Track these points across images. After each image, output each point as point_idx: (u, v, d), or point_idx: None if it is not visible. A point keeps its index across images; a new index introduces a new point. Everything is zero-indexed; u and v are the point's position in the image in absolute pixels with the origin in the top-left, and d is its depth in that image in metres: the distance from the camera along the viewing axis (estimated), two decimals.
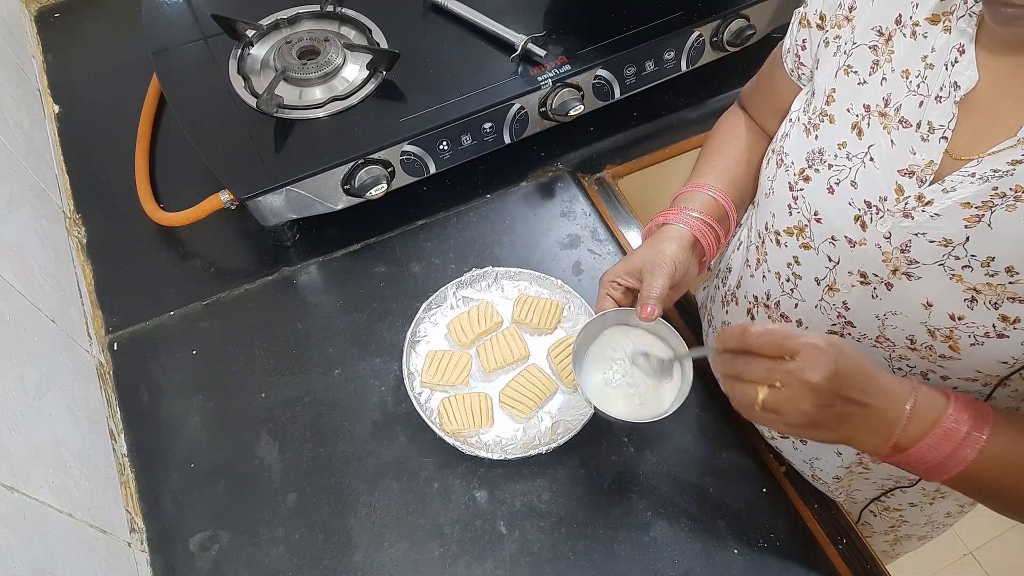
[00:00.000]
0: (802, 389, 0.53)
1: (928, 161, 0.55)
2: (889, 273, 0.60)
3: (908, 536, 0.96)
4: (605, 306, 0.71)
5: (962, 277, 0.55)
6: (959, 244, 0.54)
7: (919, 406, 0.55)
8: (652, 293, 0.67)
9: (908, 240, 0.57)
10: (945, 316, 0.57)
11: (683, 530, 0.75)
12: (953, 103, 0.54)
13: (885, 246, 0.59)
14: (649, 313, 0.67)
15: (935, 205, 0.54)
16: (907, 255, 0.58)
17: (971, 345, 0.57)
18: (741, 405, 0.57)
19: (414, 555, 0.74)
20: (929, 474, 0.56)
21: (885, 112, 0.58)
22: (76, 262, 0.94)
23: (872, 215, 0.59)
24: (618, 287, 0.71)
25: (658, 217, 0.76)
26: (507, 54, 0.95)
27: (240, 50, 0.96)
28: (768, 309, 0.74)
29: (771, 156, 0.70)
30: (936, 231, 0.55)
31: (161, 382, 0.85)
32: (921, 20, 0.56)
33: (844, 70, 0.61)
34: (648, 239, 0.74)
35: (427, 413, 0.78)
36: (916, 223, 0.56)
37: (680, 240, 0.71)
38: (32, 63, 1.12)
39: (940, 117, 0.54)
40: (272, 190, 0.84)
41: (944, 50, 0.54)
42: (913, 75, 0.56)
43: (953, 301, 0.56)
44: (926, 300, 0.58)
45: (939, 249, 0.55)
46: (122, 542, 0.74)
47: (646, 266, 0.69)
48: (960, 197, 0.53)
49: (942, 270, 0.56)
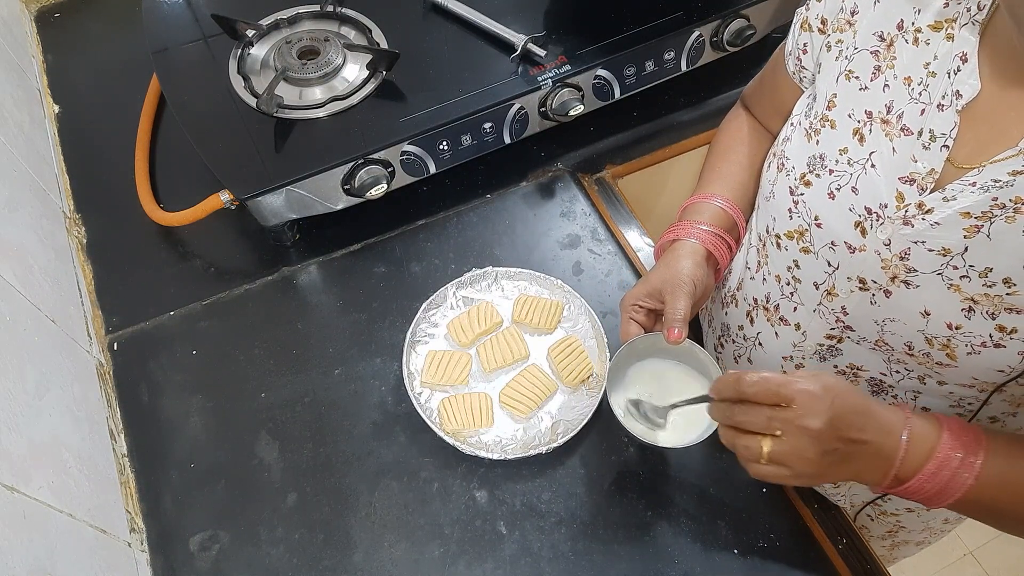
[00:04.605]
0: (803, 437, 0.53)
1: (929, 169, 0.55)
2: (888, 280, 0.59)
3: (906, 542, 0.95)
4: (630, 331, 0.70)
5: (960, 287, 0.55)
6: (958, 254, 0.54)
7: (914, 436, 0.55)
8: (677, 315, 0.67)
9: (907, 248, 0.57)
10: (943, 325, 0.57)
11: (683, 530, 0.75)
12: (955, 112, 0.53)
13: (884, 253, 0.59)
14: (677, 336, 0.66)
15: (935, 214, 0.54)
16: (906, 263, 0.57)
17: (968, 354, 0.57)
18: (747, 460, 0.57)
19: (414, 555, 0.74)
20: (930, 502, 0.57)
21: (887, 119, 0.58)
22: (76, 262, 0.94)
23: (872, 222, 0.59)
24: (640, 310, 0.71)
25: (669, 233, 0.76)
26: (507, 54, 0.95)
27: (240, 50, 0.96)
28: (768, 312, 0.74)
29: (772, 160, 0.70)
30: (935, 240, 0.55)
31: (161, 382, 0.85)
32: (923, 27, 0.56)
33: (845, 75, 0.61)
34: (663, 258, 0.74)
35: (427, 413, 0.78)
36: (916, 231, 0.56)
37: (695, 256, 0.71)
38: (32, 63, 1.12)
39: (942, 125, 0.54)
40: (272, 190, 0.84)
41: (947, 58, 0.54)
42: (915, 82, 0.56)
43: (951, 311, 0.56)
44: (924, 309, 0.58)
45: (938, 258, 0.55)
46: (122, 542, 0.74)
47: (665, 287, 0.69)
48: (960, 207, 0.53)
49: (940, 279, 0.56)
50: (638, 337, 0.70)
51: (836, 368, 0.71)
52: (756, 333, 0.77)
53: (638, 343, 0.71)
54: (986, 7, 0.52)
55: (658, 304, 0.70)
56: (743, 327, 0.80)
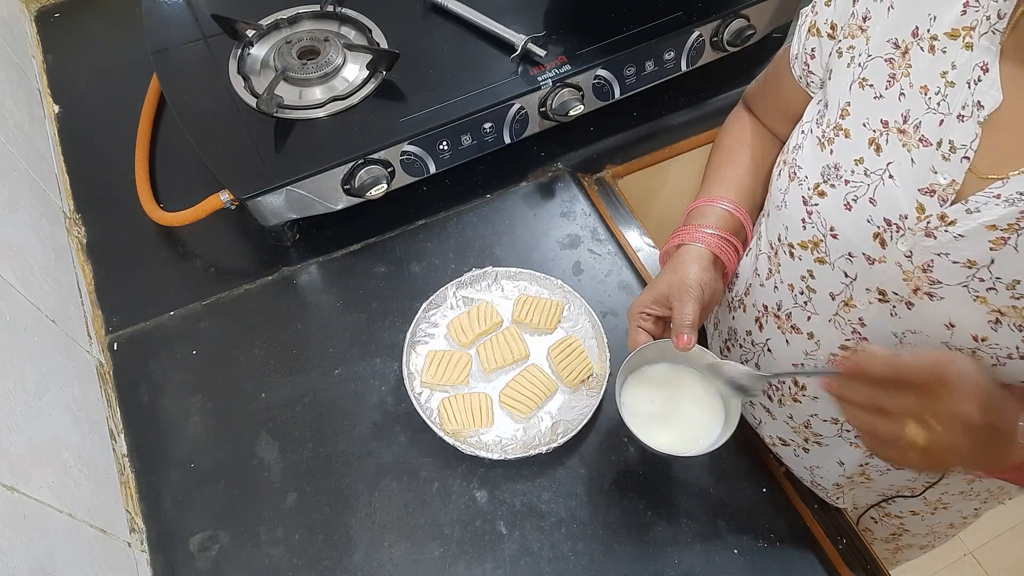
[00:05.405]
0: (957, 424, 0.48)
1: (950, 181, 0.53)
2: (910, 292, 0.58)
3: (909, 545, 0.95)
4: (638, 339, 0.69)
5: (987, 299, 0.53)
6: (984, 266, 0.53)
7: None
8: (685, 321, 0.66)
9: (930, 260, 0.55)
10: (968, 337, 0.56)
11: (683, 530, 0.75)
12: (976, 123, 0.52)
13: (906, 265, 0.57)
14: (687, 342, 0.65)
15: (958, 226, 0.53)
16: (929, 275, 0.56)
17: (993, 365, 0.56)
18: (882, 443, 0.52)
19: (414, 555, 0.74)
20: None
21: (904, 129, 0.56)
22: (76, 262, 0.94)
23: (892, 233, 0.57)
24: (648, 317, 0.70)
25: (674, 238, 0.74)
26: (507, 54, 0.95)
27: (240, 50, 0.96)
28: (779, 320, 0.73)
29: (783, 168, 0.68)
30: (960, 252, 0.53)
31: (161, 382, 0.85)
32: (940, 34, 0.54)
33: (859, 83, 0.60)
34: (669, 263, 0.73)
35: (427, 413, 0.78)
36: (939, 243, 0.54)
37: (701, 260, 0.70)
38: (32, 63, 1.12)
39: (962, 137, 0.52)
40: (272, 190, 0.84)
41: (966, 67, 0.52)
42: (932, 91, 0.54)
43: (977, 323, 0.55)
44: (948, 321, 0.56)
45: (963, 270, 0.54)
46: (122, 542, 0.74)
47: (673, 292, 0.68)
48: (985, 219, 0.51)
49: (965, 291, 0.54)
50: (647, 344, 0.69)
51: None
52: (765, 339, 0.76)
53: (647, 350, 0.70)
54: (1006, 15, 0.51)
55: (666, 311, 0.69)
56: (751, 332, 0.78)
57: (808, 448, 0.78)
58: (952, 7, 0.53)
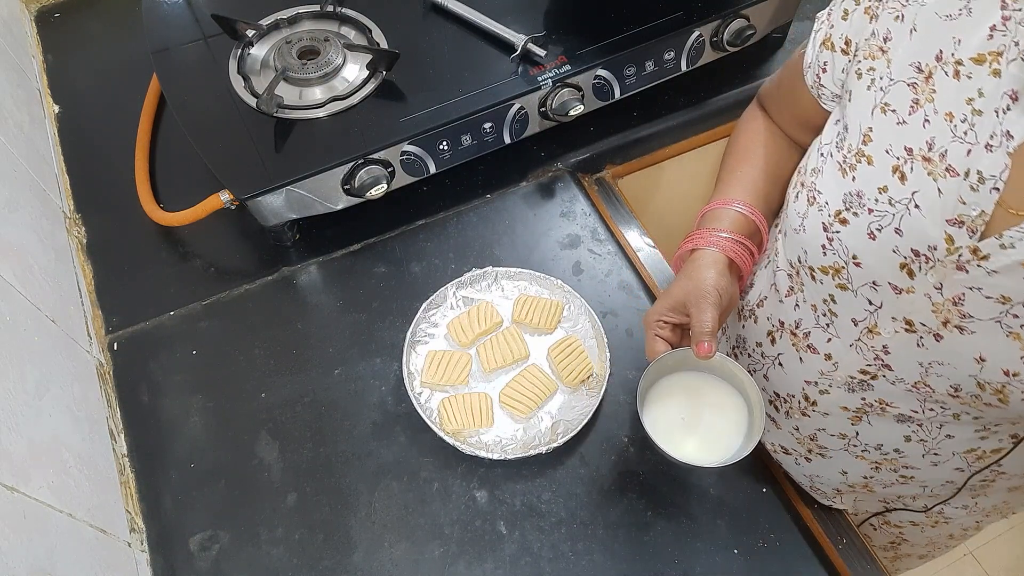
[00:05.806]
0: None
1: (979, 212, 0.51)
2: (939, 324, 0.56)
3: (908, 555, 0.94)
4: (656, 348, 0.68)
5: (1020, 335, 0.52)
6: (1019, 303, 0.51)
7: None
8: (705, 328, 0.64)
9: (961, 293, 0.53)
10: (999, 372, 0.54)
11: (683, 530, 0.75)
12: (1006, 153, 0.49)
13: (936, 296, 0.55)
14: (707, 350, 0.64)
15: (992, 261, 0.51)
16: (960, 308, 0.54)
17: (1022, 400, 0.54)
18: None
19: (414, 555, 0.74)
20: None
21: (929, 157, 0.54)
22: (76, 262, 0.94)
23: (921, 264, 0.55)
24: (665, 325, 0.69)
25: (687, 242, 0.73)
26: (507, 54, 0.95)
27: (240, 50, 0.96)
28: (795, 337, 0.70)
29: (800, 190, 0.65)
30: (994, 287, 0.51)
31: (161, 382, 0.85)
32: (965, 59, 0.52)
33: (881, 108, 0.57)
34: (684, 269, 0.71)
35: (427, 413, 0.78)
36: (971, 277, 0.52)
37: (717, 265, 0.68)
38: (32, 63, 1.12)
39: (991, 167, 0.50)
40: (272, 190, 0.84)
41: (994, 95, 0.50)
42: (958, 119, 0.52)
43: (1009, 358, 0.53)
44: (979, 355, 0.54)
45: (996, 305, 0.52)
46: (122, 542, 0.74)
47: (690, 299, 0.67)
48: (1021, 257, 0.49)
49: (999, 327, 0.52)
50: (666, 353, 0.68)
51: (864, 400, 0.67)
52: (777, 354, 0.74)
53: (667, 359, 0.69)
54: None
55: (683, 318, 0.68)
56: (761, 344, 0.76)
57: (811, 459, 0.78)
58: (978, 31, 0.51)
